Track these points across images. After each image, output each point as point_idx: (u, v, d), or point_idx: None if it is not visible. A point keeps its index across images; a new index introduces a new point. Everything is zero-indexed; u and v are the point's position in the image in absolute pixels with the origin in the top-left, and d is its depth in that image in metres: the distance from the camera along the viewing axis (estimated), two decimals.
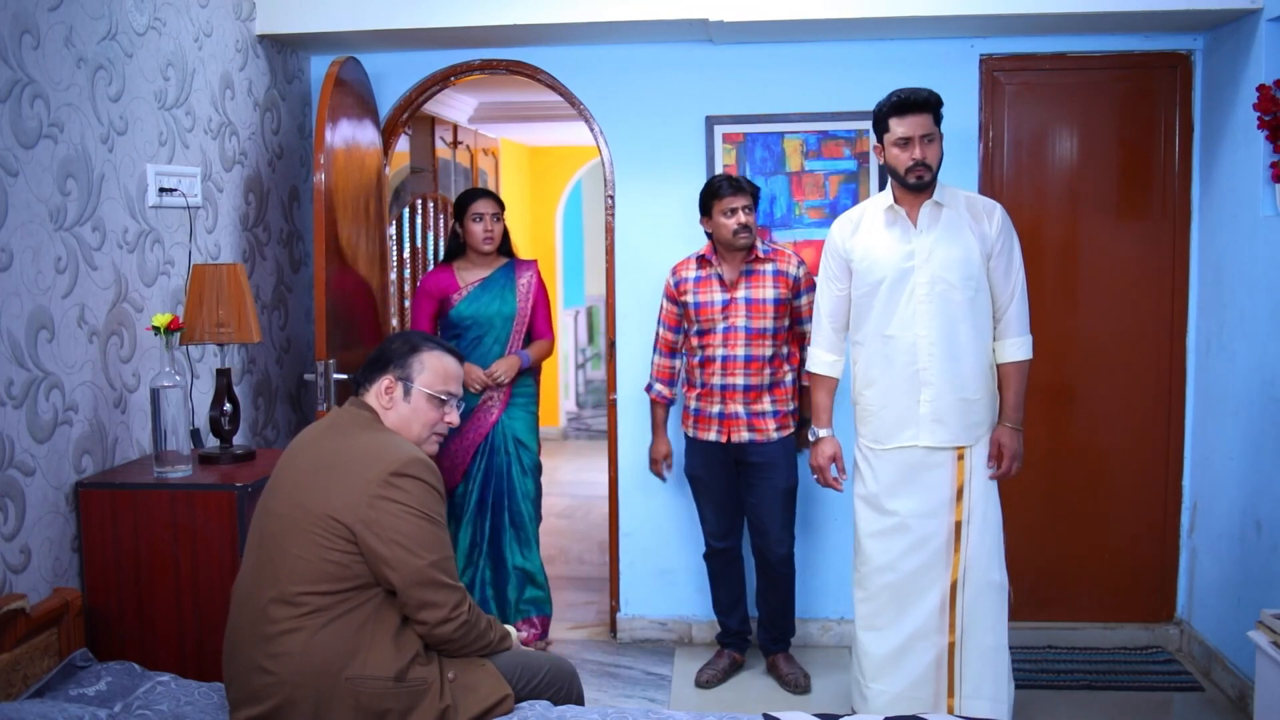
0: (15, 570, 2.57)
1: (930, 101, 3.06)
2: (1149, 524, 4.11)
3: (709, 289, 3.72)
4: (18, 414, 2.57)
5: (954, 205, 3.12)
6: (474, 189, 4.16)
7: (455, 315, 4.00)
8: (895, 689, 3.16)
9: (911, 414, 3.12)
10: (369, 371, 2.46)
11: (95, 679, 2.45)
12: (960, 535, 3.11)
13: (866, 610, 3.22)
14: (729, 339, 3.69)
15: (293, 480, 2.33)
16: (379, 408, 2.42)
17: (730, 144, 4.11)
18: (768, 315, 3.68)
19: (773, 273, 3.71)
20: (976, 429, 3.13)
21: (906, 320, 3.10)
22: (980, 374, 3.11)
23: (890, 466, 3.16)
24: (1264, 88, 3.42)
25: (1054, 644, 4.09)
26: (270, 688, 2.23)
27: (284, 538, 2.26)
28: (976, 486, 3.12)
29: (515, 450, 4.07)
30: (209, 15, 3.48)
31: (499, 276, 4.05)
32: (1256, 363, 3.54)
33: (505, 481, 4.06)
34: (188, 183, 3.31)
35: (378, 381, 2.43)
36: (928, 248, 3.09)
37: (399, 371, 2.43)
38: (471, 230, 4.00)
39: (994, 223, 3.10)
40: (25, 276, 2.59)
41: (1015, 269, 3.12)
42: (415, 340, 2.49)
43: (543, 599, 4.15)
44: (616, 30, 3.87)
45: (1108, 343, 4.03)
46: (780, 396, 3.73)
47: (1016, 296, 3.12)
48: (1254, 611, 3.17)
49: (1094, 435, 4.09)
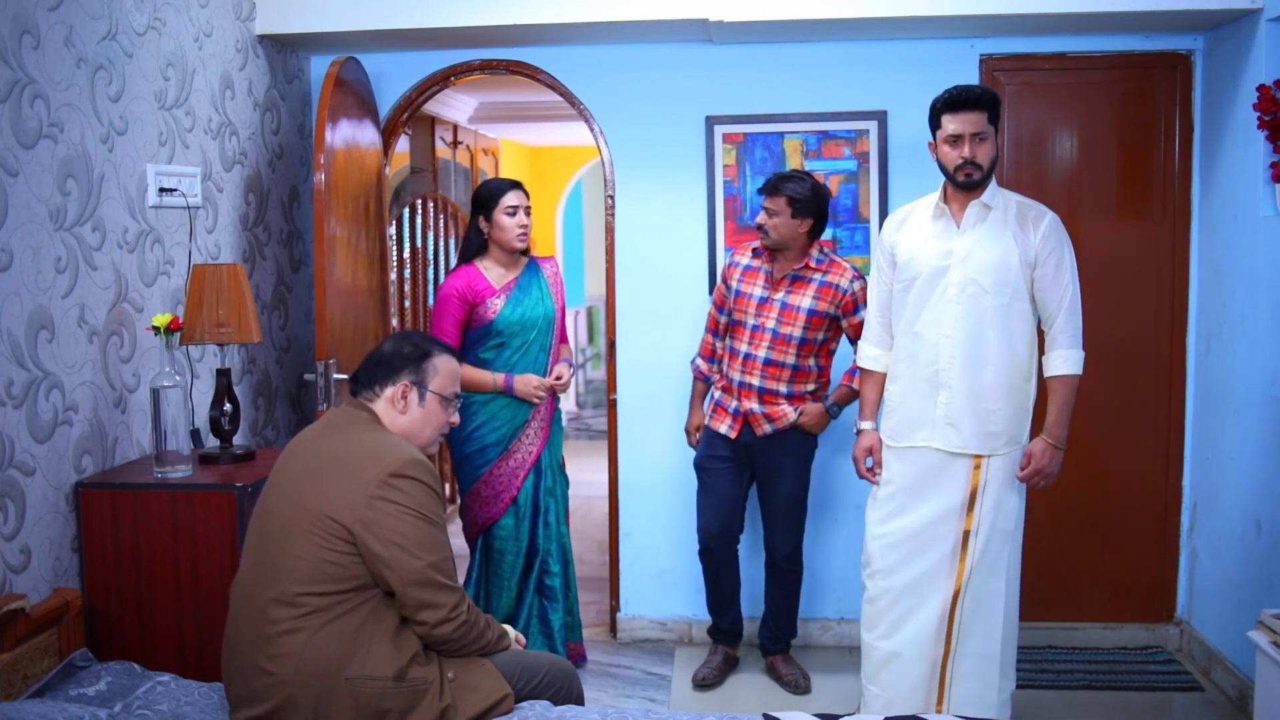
0: (15, 570, 2.57)
1: (984, 99, 3.00)
2: (1149, 524, 4.11)
3: (753, 281, 3.69)
4: (18, 414, 2.57)
5: (1002, 209, 3.05)
6: (500, 179, 3.80)
7: (501, 322, 3.62)
8: (889, 695, 3.16)
9: (928, 414, 3.09)
10: (373, 374, 2.45)
11: (95, 679, 2.45)
12: (967, 545, 3.07)
13: (869, 611, 3.22)
14: (755, 338, 3.65)
15: (291, 480, 2.33)
16: (388, 412, 2.43)
17: (730, 144, 4.11)
18: (798, 324, 3.61)
19: (819, 283, 3.61)
20: (994, 440, 3.05)
21: (934, 319, 3.07)
22: (1006, 384, 3.03)
23: (904, 466, 3.14)
24: (1264, 88, 3.42)
25: (1054, 644, 4.09)
26: (270, 688, 2.23)
27: (283, 538, 2.26)
28: (989, 499, 3.05)
29: (559, 472, 3.87)
30: (209, 15, 3.48)
31: (529, 276, 3.74)
32: (1256, 362, 3.54)
33: (555, 507, 3.83)
34: (188, 183, 3.31)
35: (388, 387, 2.42)
36: (966, 248, 3.04)
37: (413, 376, 2.43)
38: (504, 225, 3.64)
39: (1039, 231, 3.00)
40: (25, 276, 2.59)
41: (1065, 280, 3.00)
42: (423, 344, 2.49)
43: (573, 624, 3.98)
44: (616, 30, 3.87)
45: (1107, 342, 4.03)
46: (798, 404, 3.67)
47: (1064, 308, 3.00)
48: (1254, 611, 3.17)
49: (1094, 435, 4.09)
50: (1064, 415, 3.04)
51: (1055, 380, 3.04)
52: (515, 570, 3.76)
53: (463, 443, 3.69)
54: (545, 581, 3.81)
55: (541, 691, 2.50)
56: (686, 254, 4.14)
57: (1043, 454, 3.04)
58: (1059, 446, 3.04)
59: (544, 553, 3.79)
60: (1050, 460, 3.04)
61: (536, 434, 3.73)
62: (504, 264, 3.71)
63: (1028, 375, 3.06)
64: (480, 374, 3.62)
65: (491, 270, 3.69)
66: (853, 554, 4.14)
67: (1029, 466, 3.04)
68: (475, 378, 3.60)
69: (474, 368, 3.62)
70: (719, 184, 4.12)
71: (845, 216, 4.11)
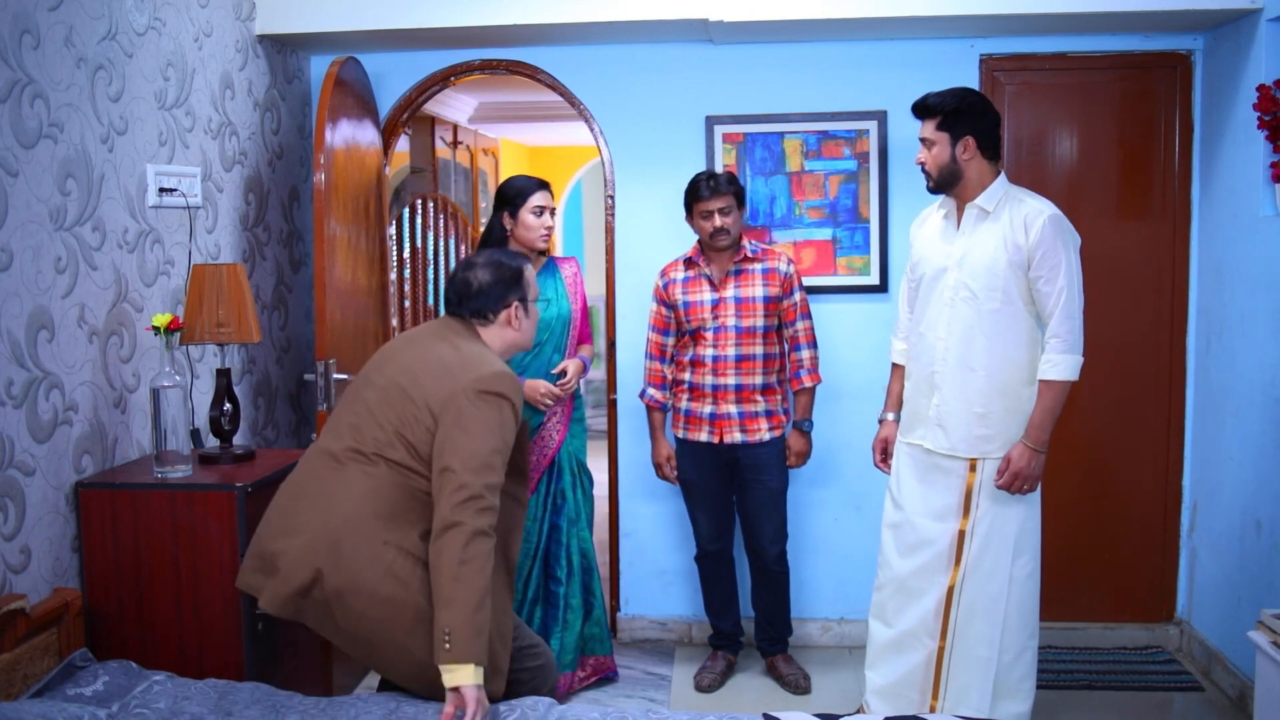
0: (15, 570, 2.57)
1: (926, 106, 3.06)
2: (1149, 524, 4.11)
3: (698, 289, 3.71)
4: (18, 414, 2.57)
5: (1001, 212, 3.02)
6: (529, 177, 3.68)
7: None
8: (884, 681, 3.20)
9: (923, 414, 3.13)
10: (483, 304, 2.63)
11: (93, 679, 2.44)
12: (962, 545, 3.08)
13: (876, 598, 3.27)
14: (719, 339, 3.67)
15: (400, 366, 2.54)
16: (501, 331, 2.65)
17: (730, 144, 4.11)
18: (757, 314, 3.66)
19: (762, 271, 3.69)
20: (986, 443, 3.04)
21: (933, 320, 3.10)
22: (998, 388, 3.02)
23: (908, 460, 3.19)
24: (1264, 88, 3.42)
25: (1054, 644, 4.09)
26: (315, 528, 2.39)
27: (377, 408, 2.49)
28: (985, 501, 3.06)
29: (579, 473, 3.73)
30: (209, 15, 3.48)
31: (547, 275, 3.68)
32: (1256, 363, 3.54)
33: (570, 509, 3.68)
34: (188, 183, 3.31)
35: (502, 311, 2.64)
36: (962, 251, 3.05)
37: (519, 294, 2.67)
38: (530, 224, 3.56)
39: (1031, 234, 2.94)
40: (25, 276, 2.59)
41: (1059, 284, 2.93)
42: (510, 261, 2.69)
43: (601, 636, 3.80)
44: (616, 30, 3.87)
45: (1108, 342, 4.03)
46: (773, 397, 3.72)
47: (1059, 312, 2.94)
48: (1254, 611, 3.18)
49: (1094, 435, 4.09)
50: (1047, 420, 2.99)
51: (1042, 384, 2.99)
52: (524, 575, 3.66)
53: None
54: (550, 588, 3.68)
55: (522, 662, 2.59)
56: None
57: (1020, 457, 2.99)
58: (1038, 450, 3.00)
59: (552, 556, 3.69)
60: (1028, 464, 2.99)
61: (553, 433, 3.65)
62: None
63: (1027, 380, 3.03)
64: None
65: None
66: (853, 554, 4.15)
67: (1007, 470, 3.01)
68: None
69: None
70: None
71: (845, 216, 4.11)
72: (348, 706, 2.40)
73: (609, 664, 3.84)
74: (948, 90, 3.06)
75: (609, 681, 3.84)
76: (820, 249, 4.11)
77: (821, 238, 4.11)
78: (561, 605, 3.67)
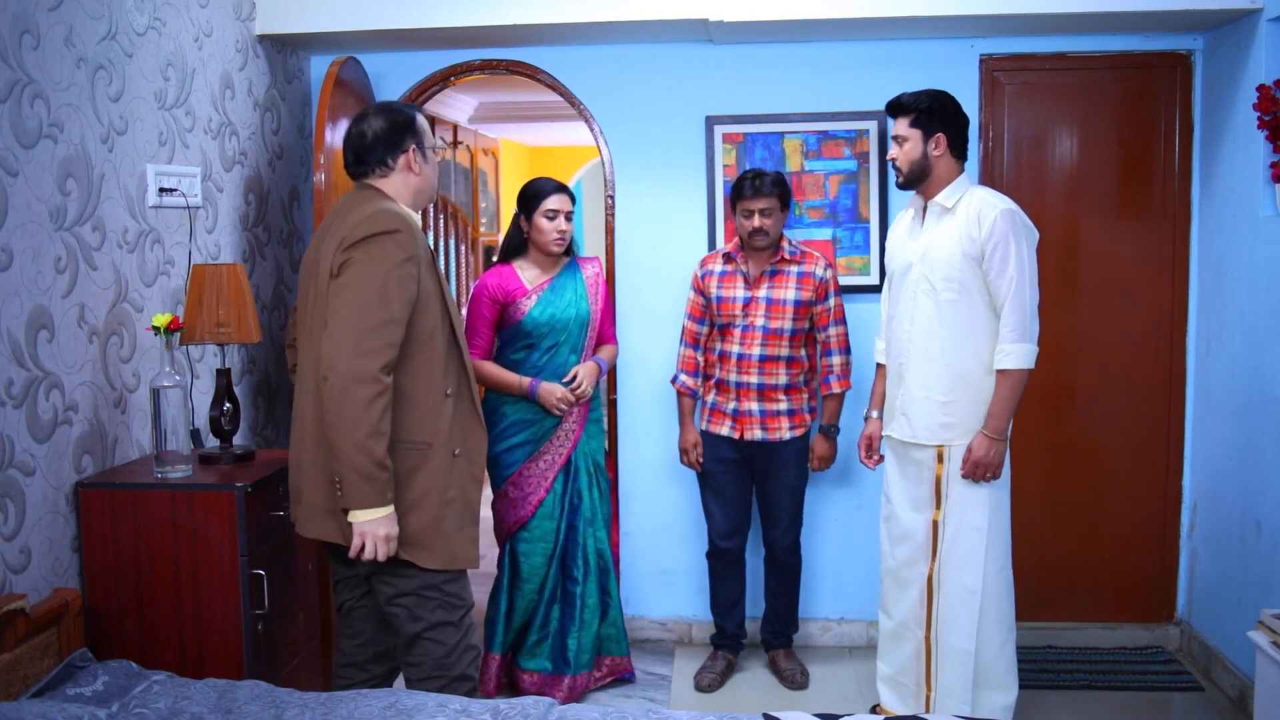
0: (15, 570, 2.57)
1: (901, 104, 3.17)
2: (1149, 524, 4.11)
3: (732, 285, 3.73)
4: (18, 414, 2.57)
5: (959, 207, 3.11)
6: (546, 180, 3.66)
7: (529, 323, 3.54)
8: (890, 670, 3.33)
9: (894, 405, 3.24)
10: (376, 154, 2.61)
11: (92, 678, 2.44)
12: (937, 535, 3.15)
13: (881, 590, 3.37)
14: (746, 337, 3.69)
15: (312, 262, 2.62)
16: (403, 180, 2.63)
17: (730, 144, 4.11)
18: (786, 316, 3.67)
19: (797, 274, 3.70)
20: (948, 431, 3.12)
21: (900, 315, 3.23)
22: (958, 378, 3.10)
23: (890, 454, 3.31)
24: (1264, 88, 3.42)
25: (1054, 644, 4.09)
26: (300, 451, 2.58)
27: (313, 311, 2.57)
28: (954, 490, 3.13)
29: (595, 474, 3.71)
30: (209, 15, 3.48)
31: (566, 276, 3.65)
32: (1256, 363, 3.54)
33: (587, 509, 3.68)
34: (188, 183, 3.31)
35: (399, 157, 2.62)
36: (924, 247, 3.16)
37: (415, 139, 2.64)
38: (542, 228, 3.56)
39: (984, 228, 3.03)
40: (25, 276, 2.59)
41: (1009, 276, 3.01)
42: (401, 110, 2.67)
43: (618, 637, 3.81)
44: (616, 30, 3.87)
45: (1108, 342, 4.03)
46: (797, 396, 3.73)
47: (1009, 302, 3.02)
48: (1254, 611, 3.18)
49: (1094, 435, 4.09)
50: (1004, 409, 3.07)
51: (999, 374, 3.08)
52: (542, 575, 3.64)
53: (492, 442, 3.55)
54: (567, 588, 3.68)
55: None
56: (687, 254, 4.13)
57: (979, 446, 3.08)
58: (997, 439, 3.08)
59: (569, 556, 3.68)
60: (987, 452, 3.07)
61: (569, 434, 3.63)
62: (541, 265, 3.63)
63: (987, 369, 3.10)
64: (507, 376, 3.56)
65: (527, 270, 3.62)
66: (852, 554, 4.15)
67: (968, 459, 3.08)
68: (502, 379, 3.56)
69: (502, 369, 3.57)
70: (719, 184, 4.12)
71: (845, 216, 4.11)
72: (347, 701, 2.40)
73: (625, 664, 3.84)
74: (922, 90, 3.17)
75: (625, 682, 3.85)
76: (820, 249, 4.10)
77: (821, 238, 4.11)
78: (579, 605, 3.67)
